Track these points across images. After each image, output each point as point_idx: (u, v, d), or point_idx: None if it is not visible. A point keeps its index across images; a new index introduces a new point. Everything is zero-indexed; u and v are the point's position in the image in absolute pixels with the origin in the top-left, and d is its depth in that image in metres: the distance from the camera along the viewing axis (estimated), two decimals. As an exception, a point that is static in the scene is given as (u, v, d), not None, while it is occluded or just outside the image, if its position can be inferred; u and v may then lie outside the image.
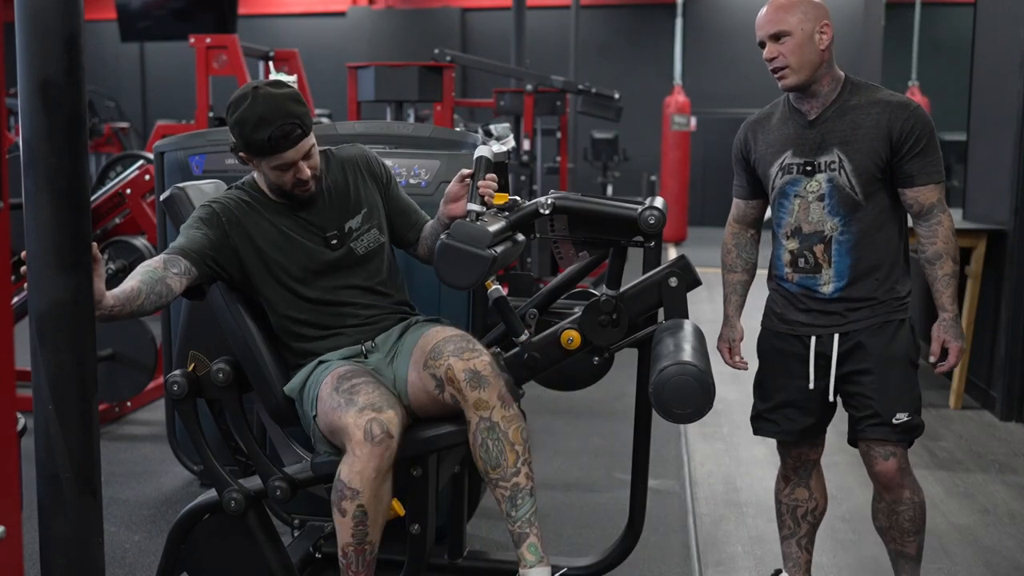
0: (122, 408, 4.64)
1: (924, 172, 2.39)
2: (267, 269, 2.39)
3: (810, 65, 2.40)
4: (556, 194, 2.52)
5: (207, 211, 2.37)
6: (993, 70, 4.96)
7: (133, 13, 8.82)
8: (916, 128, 2.36)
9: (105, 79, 15.19)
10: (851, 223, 2.43)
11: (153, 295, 2.20)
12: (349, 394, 2.19)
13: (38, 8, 1.69)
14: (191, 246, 2.31)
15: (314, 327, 2.44)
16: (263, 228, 2.40)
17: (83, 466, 1.80)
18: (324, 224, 2.44)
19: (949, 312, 2.42)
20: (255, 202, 2.42)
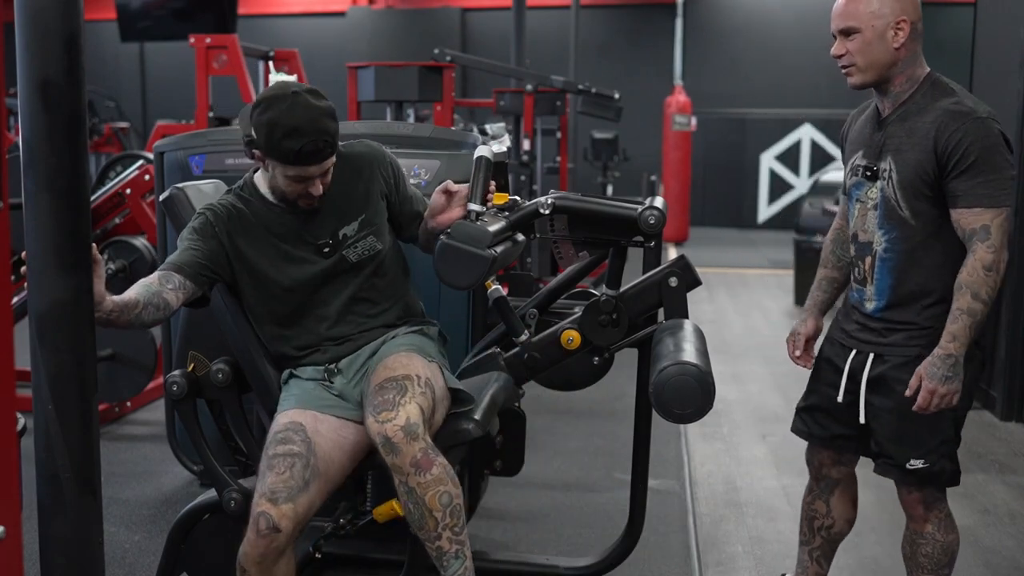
0: (122, 408, 4.64)
1: (970, 193, 2.13)
2: (255, 283, 2.36)
3: (878, 65, 2.21)
4: (556, 194, 2.52)
5: (201, 221, 2.34)
6: (994, 70, 4.96)
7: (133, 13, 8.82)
8: (966, 141, 2.11)
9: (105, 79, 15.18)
10: (897, 240, 2.25)
11: (151, 307, 2.17)
12: (268, 464, 2.14)
13: (38, 8, 1.69)
14: (185, 260, 2.27)
15: (291, 342, 2.40)
16: (256, 238, 2.35)
17: (83, 466, 1.80)
18: (318, 232, 2.37)
19: (941, 349, 2.17)
20: (250, 208, 2.36)
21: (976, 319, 2.15)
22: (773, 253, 11.04)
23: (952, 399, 2.19)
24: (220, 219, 2.34)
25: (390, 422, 2.09)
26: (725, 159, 13.95)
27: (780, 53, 14.23)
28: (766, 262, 10.44)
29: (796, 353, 2.56)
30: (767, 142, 13.74)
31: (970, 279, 2.14)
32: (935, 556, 2.37)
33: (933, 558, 2.37)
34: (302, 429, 2.18)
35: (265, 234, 2.35)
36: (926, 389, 2.17)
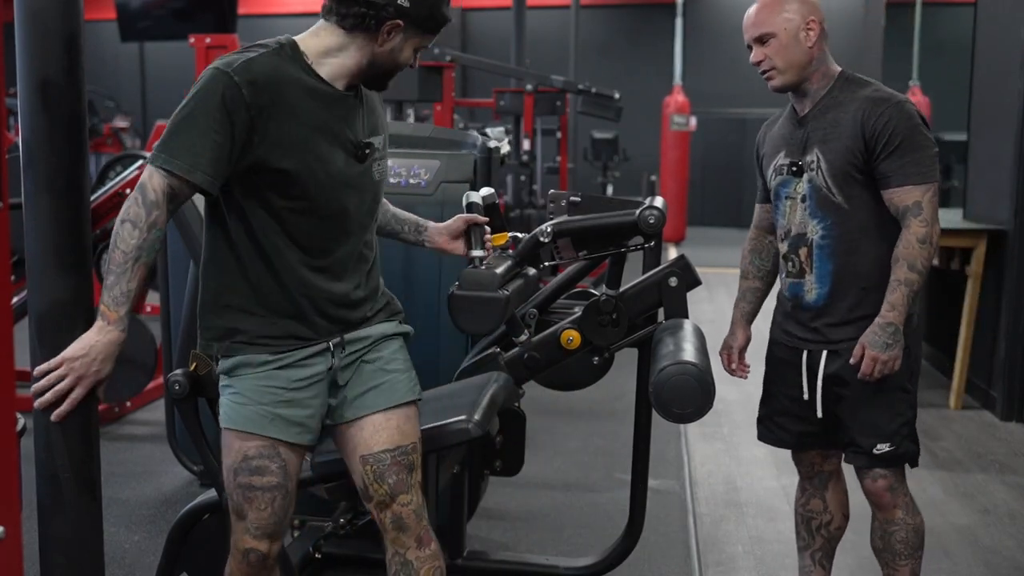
0: (122, 408, 4.64)
1: (900, 172, 2.24)
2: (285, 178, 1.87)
3: (797, 65, 2.33)
4: (553, 221, 2.50)
5: (232, 94, 1.79)
6: (994, 70, 4.96)
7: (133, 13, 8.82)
8: (892, 124, 2.22)
9: (105, 79, 15.19)
10: (832, 227, 2.32)
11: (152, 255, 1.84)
12: (245, 496, 1.97)
13: (38, 8, 1.69)
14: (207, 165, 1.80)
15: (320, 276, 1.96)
16: (295, 118, 1.87)
17: (83, 466, 1.80)
18: (358, 129, 1.99)
19: (881, 318, 2.25)
20: (294, 78, 1.87)
21: (912, 289, 2.25)
22: (773, 253, 11.01)
23: (894, 364, 2.27)
24: (257, 90, 1.81)
25: (407, 506, 2.02)
26: (725, 159, 13.96)
27: (780, 53, 14.21)
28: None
29: (732, 366, 2.65)
30: (767, 142, 13.72)
31: (906, 252, 2.24)
32: (910, 540, 2.42)
33: (909, 543, 2.42)
34: (276, 454, 1.96)
35: (306, 115, 1.88)
36: (868, 357, 2.26)
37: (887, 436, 2.35)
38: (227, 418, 1.96)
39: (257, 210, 1.89)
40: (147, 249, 1.78)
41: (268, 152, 1.83)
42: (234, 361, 1.94)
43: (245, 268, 1.92)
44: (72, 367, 1.75)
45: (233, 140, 1.80)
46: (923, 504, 3.56)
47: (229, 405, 1.96)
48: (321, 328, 1.98)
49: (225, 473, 1.99)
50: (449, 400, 2.36)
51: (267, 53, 1.87)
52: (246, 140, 1.81)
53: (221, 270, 1.93)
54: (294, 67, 1.88)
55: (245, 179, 1.86)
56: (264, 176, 1.86)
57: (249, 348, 1.93)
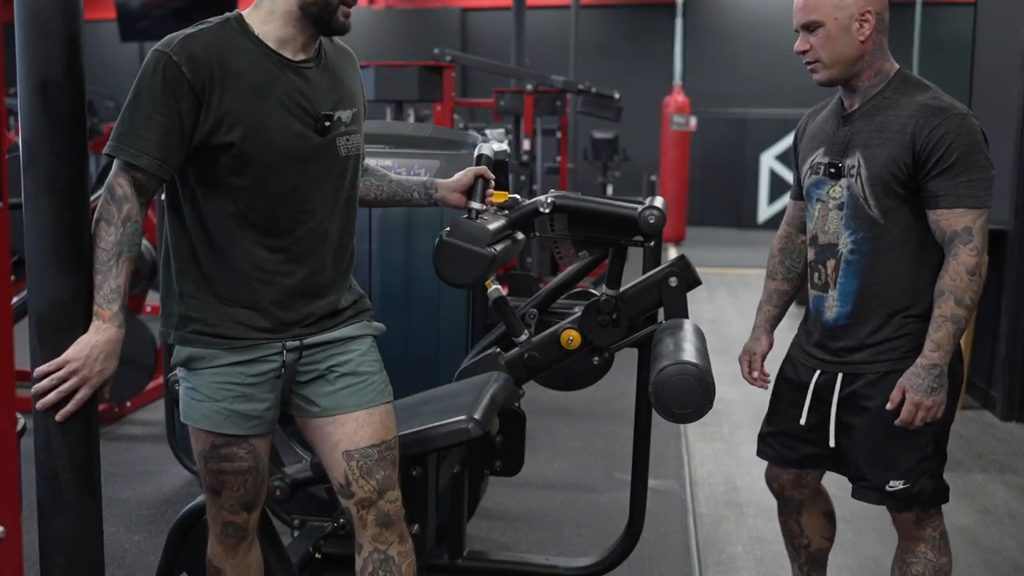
0: (122, 408, 4.64)
1: (952, 193, 2.01)
2: (237, 157, 1.82)
3: (844, 60, 2.11)
4: (556, 193, 2.52)
5: (174, 75, 1.76)
6: (993, 70, 4.96)
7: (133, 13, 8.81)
8: (948, 139, 2.00)
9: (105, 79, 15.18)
10: (864, 241, 2.12)
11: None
12: (218, 480, 1.96)
13: (38, 8, 1.69)
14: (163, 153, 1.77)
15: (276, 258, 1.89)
16: (245, 93, 1.81)
17: (83, 466, 1.80)
18: (318, 99, 1.90)
19: (925, 358, 2.05)
20: (240, 51, 1.83)
21: (960, 326, 2.04)
22: (773, 253, 11.02)
23: (938, 411, 2.08)
24: (200, 67, 1.77)
25: (395, 503, 1.99)
26: (725, 159, 13.95)
27: (780, 53, 14.21)
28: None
29: (753, 374, 2.43)
30: (767, 142, 13.74)
31: (953, 284, 2.02)
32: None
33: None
34: (244, 441, 1.94)
35: (252, 87, 1.82)
36: (911, 402, 2.07)
37: (902, 473, 2.16)
38: (186, 414, 1.96)
39: (209, 191, 1.85)
40: (127, 243, 1.78)
41: (214, 127, 1.79)
42: (189, 352, 1.92)
43: (198, 254, 1.88)
44: (74, 369, 1.74)
45: (181, 120, 1.76)
46: (923, 504, 3.57)
47: (187, 401, 1.95)
48: (278, 319, 1.91)
49: (196, 457, 1.99)
50: (449, 400, 2.36)
51: (209, 28, 1.83)
52: (194, 119, 1.78)
53: (177, 255, 1.91)
54: (240, 39, 1.83)
55: (196, 159, 1.82)
56: (212, 153, 1.81)
57: (201, 341, 1.90)
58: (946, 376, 2.08)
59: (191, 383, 1.94)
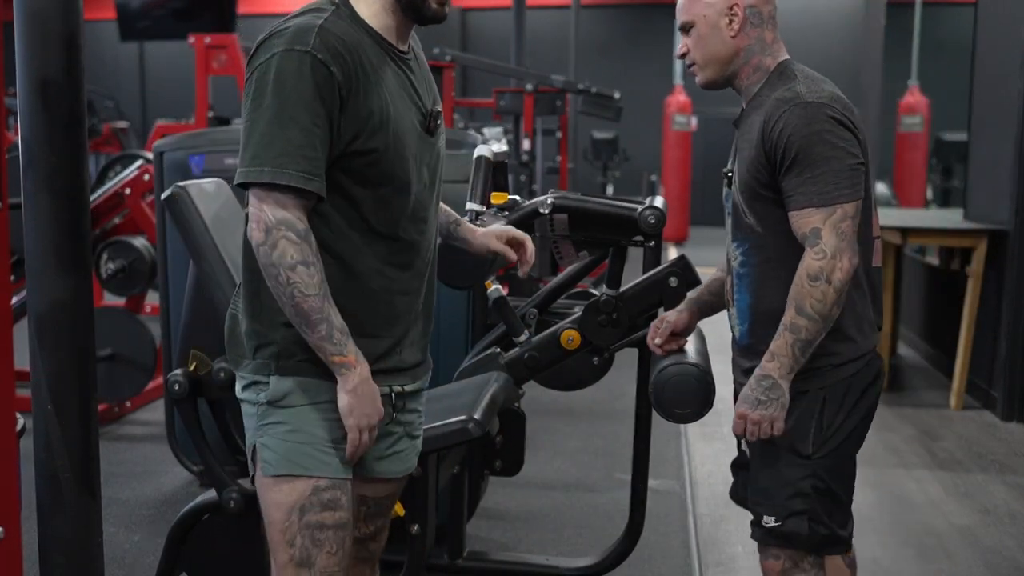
0: (121, 408, 4.64)
1: (798, 192, 1.82)
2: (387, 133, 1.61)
3: (717, 59, 1.94)
4: (556, 193, 2.51)
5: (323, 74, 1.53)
6: (994, 70, 4.96)
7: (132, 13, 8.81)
8: (786, 133, 1.81)
9: (104, 79, 15.18)
10: (749, 253, 1.94)
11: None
12: (314, 539, 1.66)
13: (37, 8, 1.69)
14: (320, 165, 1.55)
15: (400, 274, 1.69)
16: (381, 74, 1.62)
17: (82, 466, 1.80)
18: (423, 95, 1.73)
19: (760, 368, 1.86)
20: (364, 37, 1.62)
21: (801, 337, 1.82)
22: (773, 253, 11.02)
23: (770, 427, 1.87)
24: (345, 65, 1.56)
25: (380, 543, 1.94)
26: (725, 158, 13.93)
27: (780, 53, 14.22)
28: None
29: (656, 340, 2.16)
30: (767, 142, 13.72)
31: (795, 290, 1.82)
32: None
33: None
34: (347, 487, 1.68)
35: (383, 84, 1.63)
36: (736, 413, 1.90)
37: (773, 508, 1.93)
38: (277, 462, 1.63)
39: (334, 203, 1.60)
40: (325, 279, 1.57)
41: (357, 132, 1.57)
42: (291, 385, 1.63)
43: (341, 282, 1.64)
44: (352, 424, 1.60)
45: (331, 131, 1.55)
46: (923, 504, 3.57)
47: (279, 444, 1.63)
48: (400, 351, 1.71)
49: (282, 519, 1.65)
50: (449, 400, 2.36)
51: (329, 16, 1.59)
52: (339, 125, 1.56)
53: None
54: (357, 29, 1.61)
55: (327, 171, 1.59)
56: (347, 162, 1.59)
57: (314, 371, 1.62)
58: (782, 389, 1.86)
59: (287, 422, 1.64)
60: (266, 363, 1.65)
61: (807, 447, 1.90)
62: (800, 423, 1.89)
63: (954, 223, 5.03)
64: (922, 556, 3.15)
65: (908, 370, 5.67)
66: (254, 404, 1.66)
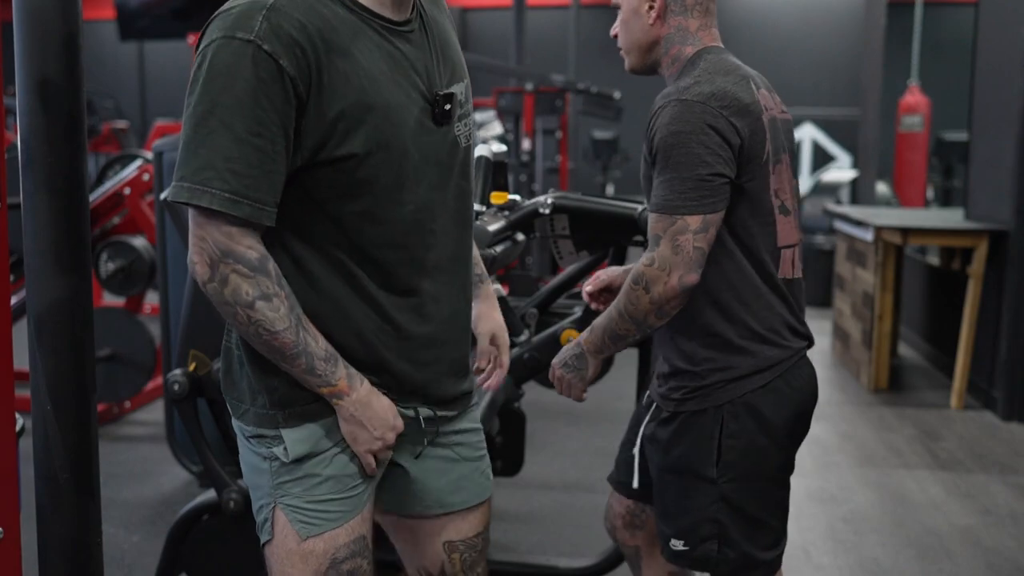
0: (121, 408, 4.64)
1: (654, 192, 1.72)
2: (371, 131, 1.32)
3: (637, 46, 1.86)
4: (556, 193, 2.51)
5: (268, 70, 1.24)
6: (995, 70, 4.96)
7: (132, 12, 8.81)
8: (655, 131, 1.72)
9: (104, 78, 15.18)
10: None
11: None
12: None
13: (36, 7, 1.68)
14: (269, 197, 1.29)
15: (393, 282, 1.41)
16: (360, 59, 1.32)
17: (81, 467, 1.79)
18: (431, 74, 1.41)
19: (580, 336, 1.86)
20: (337, 13, 1.32)
21: (611, 327, 1.77)
22: (773, 253, 11.03)
23: (568, 389, 1.87)
24: (302, 57, 1.27)
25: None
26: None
27: (781, 52, 14.24)
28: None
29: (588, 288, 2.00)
30: (767, 142, 13.73)
31: (624, 297, 1.75)
32: None
33: None
34: (365, 545, 1.48)
35: (370, 72, 1.33)
36: (552, 362, 1.90)
37: (680, 531, 1.82)
38: (319, 519, 1.42)
39: (311, 225, 1.34)
40: (295, 301, 1.34)
41: (324, 137, 1.29)
42: (309, 432, 1.41)
43: (314, 307, 1.38)
44: (369, 449, 1.41)
45: (286, 138, 1.27)
46: (924, 504, 3.57)
47: (309, 503, 1.42)
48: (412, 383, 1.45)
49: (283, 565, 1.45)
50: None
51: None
52: (297, 131, 1.28)
53: None
54: (329, 3, 1.31)
55: (292, 184, 1.32)
56: (318, 172, 1.31)
57: (323, 412, 1.41)
58: (586, 362, 1.84)
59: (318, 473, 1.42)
60: (271, 415, 1.42)
61: (711, 471, 1.77)
62: (700, 446, 1.77)
63: (955, 223, 5.02)
64: (923, 556, 3.15)
65: (909, 370, 5.67)
66: (265, 459, 1.43)
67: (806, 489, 3.73)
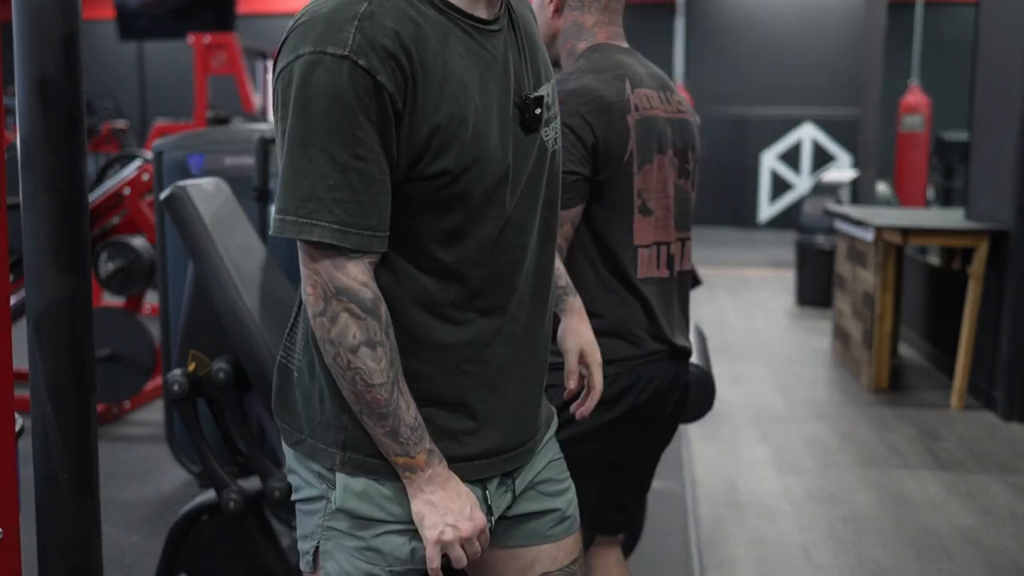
0: (121, 408, 4.63)
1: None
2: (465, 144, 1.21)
3: (545, 39, 1.84)
4: None
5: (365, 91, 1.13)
6: (995, 69, 4.95)
7: (132, 12, 8.82)
8: None
9: (104, 78, 15.19)
10: None
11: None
12: None
13: (36, 7, 1.68)
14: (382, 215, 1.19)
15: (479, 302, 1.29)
16: (452, 67, 1.21)
17: (81, 467, 1.79)
18: (521, 76, 1.31)
19: None
20: (428, 16, 1.21)
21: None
22: (774, 253, 11.04)
23: None
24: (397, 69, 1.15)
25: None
26: (726, 158, 13.96)
27: (781, 52, 14.24)
28: (767, 262, 10.44)
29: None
30: (768, 141, 13.75)
31: None
32: None
33: None
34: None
35: (462, 81, 1.22)
36: None
37: None
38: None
39: (396, 244, 1.23)
40: (398, 357, 1.22)
41: (419, 153, 1.19)
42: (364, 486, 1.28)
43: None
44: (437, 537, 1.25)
45: (388, 156, 1.17)
46: (924, 505, 3.57)
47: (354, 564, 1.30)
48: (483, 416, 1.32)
49: None
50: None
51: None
52: (394, 152, 1.18)
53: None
54: (420, 4, 1.20)
55: None
56: (406, 191, 1.21)
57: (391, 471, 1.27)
58: None
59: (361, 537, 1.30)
60: (329, 452, 1.29)
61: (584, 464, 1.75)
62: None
63: (955, 223, 5.02)
64: (923, 556, 3.15)
65: (909, 370, 5.66)
66: (316, 500, 1.32)
67: (806, 489, 3.73)
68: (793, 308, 7.64)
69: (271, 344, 2.46)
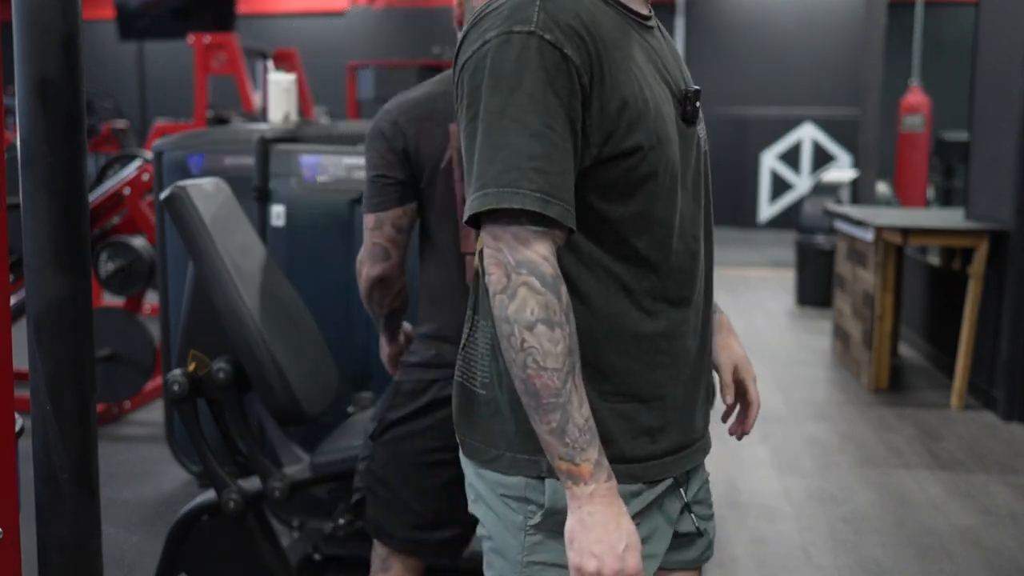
0: (120, 408, 4.63)
1: None
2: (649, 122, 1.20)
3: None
4: None
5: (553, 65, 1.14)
6: (996, 69, 4.95)
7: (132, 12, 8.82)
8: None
9: (103, 78, 15.19)
10: None
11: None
12: None
13: (36, 7, 1.68)
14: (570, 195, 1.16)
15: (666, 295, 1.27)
16: (628, 44, 1.23)
17: (81, 467, 1.79)
18: (675, 72, 1.33)
19: None
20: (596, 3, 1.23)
21: None
22: (774, 253, 11.03)
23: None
24: (581, 45, 1.16)
25: None
26: (726, 158, 13.96)
27: (781, 51, 14.24)
28: (767, 262, 10.44)
29: None
30: (768, 141, 13.75)
31: None
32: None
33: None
34: None
35: (638, 63, 1.23)
36: None
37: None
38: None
39: (583, 231, 1.21)
40: (577, 347, 1.16)
41: (611, 130, 1.17)
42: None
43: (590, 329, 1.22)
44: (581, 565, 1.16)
45: (573, 136, 1.16)
46: (924, 505, 3.57)
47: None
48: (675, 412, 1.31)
49: None
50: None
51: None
52: (582, 127, 1.17)
53: None
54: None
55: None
56: (600, 172, 1.19)
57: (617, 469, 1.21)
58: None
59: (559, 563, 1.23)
60: (532, 460, 1.23)
61: (373, 428, 1.96)
62: (381, 401, 1.96)
63: (955, 223, 5.02)
64: (923, 556, 3.15)
65: (909, 370, 5.66)
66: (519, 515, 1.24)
67: (806, 489, 3.73)
68: (793, 308, 7.64)
69: (271, 344, 2.46)
